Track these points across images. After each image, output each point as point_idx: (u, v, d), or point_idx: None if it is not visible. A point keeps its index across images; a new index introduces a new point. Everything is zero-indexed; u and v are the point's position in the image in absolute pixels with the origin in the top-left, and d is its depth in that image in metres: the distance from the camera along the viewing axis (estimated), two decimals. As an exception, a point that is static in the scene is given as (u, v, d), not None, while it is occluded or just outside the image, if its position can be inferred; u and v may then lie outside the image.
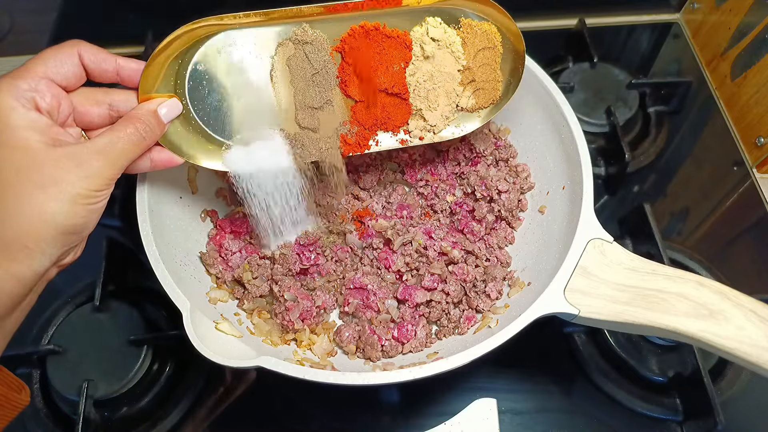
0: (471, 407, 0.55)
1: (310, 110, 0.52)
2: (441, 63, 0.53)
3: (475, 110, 0.57)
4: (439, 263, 0.60)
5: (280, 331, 0.58)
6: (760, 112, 0.74)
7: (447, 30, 0.53)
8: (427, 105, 0.54)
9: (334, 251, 0.62)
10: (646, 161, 0.77)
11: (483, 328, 0.56)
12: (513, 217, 0.64)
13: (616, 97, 0.79)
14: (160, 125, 0.47)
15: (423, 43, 0.52)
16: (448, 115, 0.56)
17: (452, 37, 0.53)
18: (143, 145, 0.46)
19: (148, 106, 0.47)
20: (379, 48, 0.52)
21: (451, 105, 0.55)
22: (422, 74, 0.53)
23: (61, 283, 0.67)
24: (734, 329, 0.44)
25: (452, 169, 0.67)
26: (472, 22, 0.53)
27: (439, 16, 0.52)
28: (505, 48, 0.54)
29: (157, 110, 0.47)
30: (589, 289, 0.50)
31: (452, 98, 0.55)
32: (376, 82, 0.52)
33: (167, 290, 0.50)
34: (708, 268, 0.67)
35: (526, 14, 0.90)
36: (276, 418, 0.59)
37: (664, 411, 0.59)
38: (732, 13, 0.79)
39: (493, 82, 0.56)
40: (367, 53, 0.52)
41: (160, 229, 0.55)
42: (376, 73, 0.52)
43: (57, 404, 0.59)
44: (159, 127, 0.47)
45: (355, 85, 0.53)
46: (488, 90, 0.56)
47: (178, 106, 0.48)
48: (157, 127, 0.47)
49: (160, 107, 0.47)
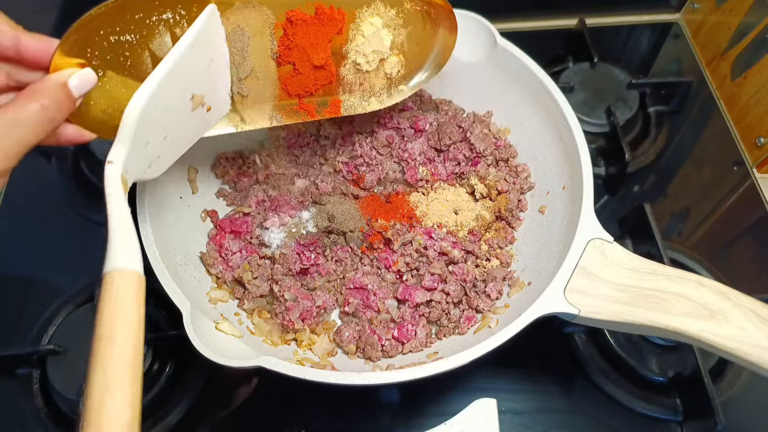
0: (471, 407, 0.55)
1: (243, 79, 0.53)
2: (376, 41, 0.56)
3: (403, 81, 0.60)
4: (439, 263, 0.60)
5: (280, 331, 0.58)
6: (760, 112, 0.74)
7: (388, 10, 0.55)
8: (359, 80, 0.58)
9: (334, 251, 0.62)
10: (646, 161, 0.77)
11: (483, 328, 0.56)
12: (513, 217, 0.64)
13: (616, 97, 0.79)
14: (69, 101, 0.39)
15: (361, 22, 0.54)
16: (378, 88, 0.59)
17: (390, 17, 0.56)
18: (49, 128, 0.38)
19: (57, 77, 0.39)
20: (318, 25, 0.53)
21: (381, 78, 0.59)
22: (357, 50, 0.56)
23: (61, 283, 0.67)
24: (734, 329, 0.44)
25: (452, 169, 0.67)
26: (409, 4, 0.56)
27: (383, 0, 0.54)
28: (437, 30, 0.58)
29: (67, 83, 0.39)
30: (589, 289, 0.50)
31: (381, 71, 0.58)
32: (311, 57, 0.54)
33: (167, 290, 0.50)
34: (708, 268, 0.67)
35: (526, 14, 0.90)
36: (276, 418, 0.59)
37: (664, 411, 0.58)
38: (732, 13, 0.79)
39: (421, 56, 0.59)
40: (306, 30, 0.53)
41: (160, 229, 0.55)
42: (314, 49, 0.54)
43: (57, 404, 0.59)
44: (68, 102, 0.39)
45: (292, 59, 0.54)
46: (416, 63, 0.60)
47: (92, 77, 0.41)
48: (66, 102, 0.39)
49: (71, 79, 0.39)
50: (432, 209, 0.64)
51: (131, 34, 0.45)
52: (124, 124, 0.40)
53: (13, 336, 0.65)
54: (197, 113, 0.50)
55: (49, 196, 0.76)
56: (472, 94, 0.71)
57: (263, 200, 0.65)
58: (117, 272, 0.32)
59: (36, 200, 0.75)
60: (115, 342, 0.30)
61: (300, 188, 0.67)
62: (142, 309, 0.32)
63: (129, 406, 0.29)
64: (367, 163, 0.67)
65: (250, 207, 0.64)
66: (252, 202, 0.64)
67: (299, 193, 0.66)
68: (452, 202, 0.65)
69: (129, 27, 0.44)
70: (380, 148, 0.67)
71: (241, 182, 0.67)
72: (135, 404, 0.30)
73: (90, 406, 0.29)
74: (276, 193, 0.66)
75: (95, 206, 0.74)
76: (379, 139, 0.67)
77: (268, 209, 0.65)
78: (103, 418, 0.28)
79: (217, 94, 0.52)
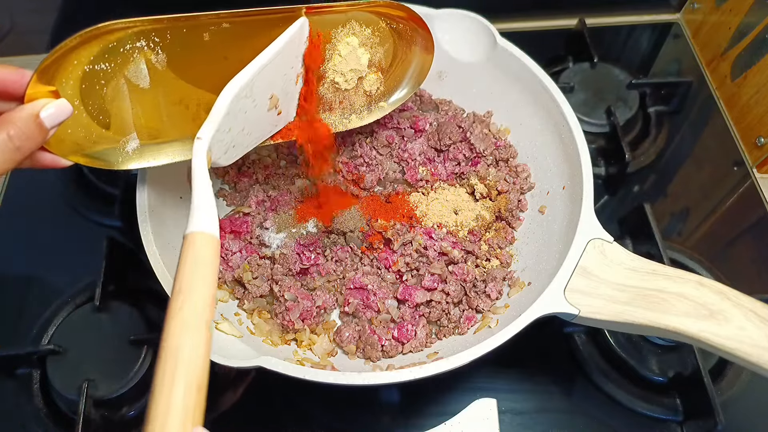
0: (471, 407, 0.55)
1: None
2: (353, 59, 0.56)
3: (383, 98, 0.61)
4: (439, 263, 0.60)
5: (280, 331, 0.58)
6: (760, 112, 0.74)
7: (363, 29, 0.55)
8: (338, 98, 0.59)
9: (334, 251, 0.62)
10: (646, 161, 0.77)
11: (483, 328, 0.56)
12: (513, 217, 0.64)
13: (616, 97, 0.79)
14: (41, 132, 0.40)
15: (338, 42, 0.55)
16: (358, 106, 0.60)
17: (366, 36, 0.56)
18: (16, 158, 0.39)
19: (29, 108, 0.40)
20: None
21: (361, 96, 0.60)
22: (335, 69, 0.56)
23: (61, 283, 0.67)
24: (734, 329, 0.44)
25: (452, 169, 0.67)
26: (384, 24, 0.56)
27: (358, 20, 0.55)
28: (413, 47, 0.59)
29: (39, 114, 0.40)
30: (589, 289, 0.50)
31: (360, 89, 0.59)
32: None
33: (167, 290, 0.50)
34: (708, 268, 0.67)
35: (526, 14, 0.90)
36: (276, 418, 0.59)
37: (664, 411, 0.58)
38: (732, 13, 0.79)
39: (399, 72, 0.60)
40: None
41: (160, 229, 0.55)
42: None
43: (57, 404, 0.59)
44: (40, 133, 0.40)
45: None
46: (394, 80, 0.61)
47: (66, 108, 0.42)
48: (37, 133, 0.40)
49: (44, 110, 0.40)
50: (432, 209, 0.64)
51: (106, 63, 0.45)
52: (218, 105, 0.44)
53: (13, 336, 0.65)
54: (270, 114, 0.53)
55: (49, 196, 0.76)
56: (472, 94, 0.71)
57: (263, 200, 0.65)
58: (198, 234, 0.36)
59: (36, 200, 0.75)
60: (193, 293, 0.34)
61: (300, 188, 0.66)
62: (216, 266, 0.36)
63: (203, 347, 0.33)
64: (367, 163, 0.67)
65: (250, 207, 0.64)
66: (252, 202, 0.64)
67: (299, 193, 0.66)
68: (452, 202, 0.65)
69: (103, 56, 0.44)
70: (380, 148, 0.67)
71: (241, 182, 0.67)
72: (207, 347, 0.33)
73: (166, 348, 0.32)
74: (276, 193, 0.66)
75: (95, 206, 0.73)
76: (379, 139, 0.67)
77: (268, 209, 0.65)
78: (179, 358, 0.32)
79: (288, 100, 0.55)
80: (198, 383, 0.32)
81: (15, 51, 0.84)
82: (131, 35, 0.45)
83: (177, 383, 0.31)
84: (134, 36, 0.45)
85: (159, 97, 0.49)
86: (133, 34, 0.45)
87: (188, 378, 0.31)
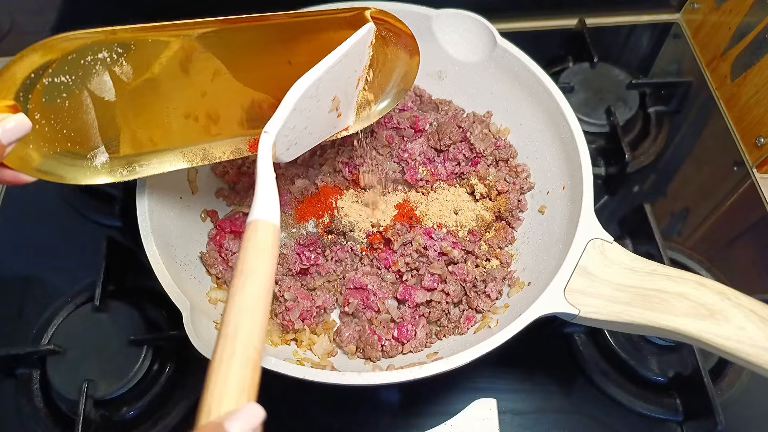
0: (471, 407, 0.55)
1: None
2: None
3: (369, 106, 0.60)
4: (439, 263, 0.60)
5: (280, 331, 0.58)
6: (760, 113, 0.74)
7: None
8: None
9: (334, 251, 0.62)
10: (646, 161, 0.77)
11: (483, 328, 0.56)
12: (513, 218, 0.64)
13: (616, 97, 0.79)
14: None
15: None
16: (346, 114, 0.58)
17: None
18: None
19: None
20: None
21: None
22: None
23: (61, 283, 0.67)
24: (734, 329, 0.44)
25: (452, 169, 0.67)
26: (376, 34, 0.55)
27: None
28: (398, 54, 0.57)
29: None
30: (589, 289, 0.50)
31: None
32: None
33: (167, 290, 0.50)
34: (708, 268, 0.67)
35: (526, 14, 0.90)
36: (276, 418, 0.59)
37: (664, 411, 0.58)
38: (732, 13, 0.79)
39: (384, 80, 0.59)
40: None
41: (160, 229, 0.55)
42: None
43: (57, 404, 0.59)
44: None
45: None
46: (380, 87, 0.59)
47: (25, 123, 0.39)
48: None
49: (0, 125, 0.38)
50: (432, 209, 0.64)
51: (66, 76, 0.43)
52: (285, 102, 0.46)
53: (13, 336, 0.65)
54: (331, 115, 0.54)
55: (49, 196, 0.76)
56: (472, 94, 0.71)
57: (263, 200, 0.65)
58: (261, 222, 0.38)
59: (36, 200, 0.75)
60: (255, 276, 0.36)
61: (300, 188, 0.66)
62: (276, 252, 0.38)
63: (259, 329, 0.34)
64: (367, 163, 0.67)
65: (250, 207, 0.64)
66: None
67: (299, 193, 0.66)
68: (452, 202, 0.65)
69: (63, 68, 0.43)
70: (380, 148, 0.67)
71: (241, 182, 0.67)
72: (264, 326, 0.35)
73: (227, 324, 0.33)
74: (276, 193, 0.66)
75: (95, 206, 0.73)
76: (379, 139, 0.67)
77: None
78: (238, 334, 0.33)
79: (348, 105, 0.56)
80: (254, 360, 0.33)
81: (15, 51, 0.83)
82: (91, 46, 0.43)
83: (235, 358, 0.32)
84: (95, 47, 0.43)
85: (128, 110, 0.47)
86: (93, 44, 0.43)
87: (245, 354, 0.32)
